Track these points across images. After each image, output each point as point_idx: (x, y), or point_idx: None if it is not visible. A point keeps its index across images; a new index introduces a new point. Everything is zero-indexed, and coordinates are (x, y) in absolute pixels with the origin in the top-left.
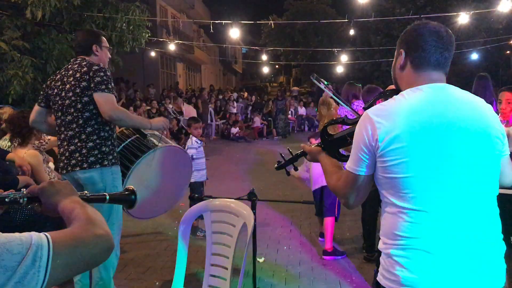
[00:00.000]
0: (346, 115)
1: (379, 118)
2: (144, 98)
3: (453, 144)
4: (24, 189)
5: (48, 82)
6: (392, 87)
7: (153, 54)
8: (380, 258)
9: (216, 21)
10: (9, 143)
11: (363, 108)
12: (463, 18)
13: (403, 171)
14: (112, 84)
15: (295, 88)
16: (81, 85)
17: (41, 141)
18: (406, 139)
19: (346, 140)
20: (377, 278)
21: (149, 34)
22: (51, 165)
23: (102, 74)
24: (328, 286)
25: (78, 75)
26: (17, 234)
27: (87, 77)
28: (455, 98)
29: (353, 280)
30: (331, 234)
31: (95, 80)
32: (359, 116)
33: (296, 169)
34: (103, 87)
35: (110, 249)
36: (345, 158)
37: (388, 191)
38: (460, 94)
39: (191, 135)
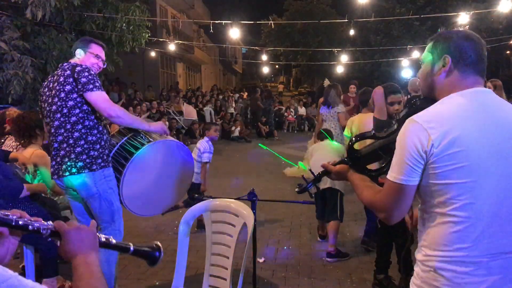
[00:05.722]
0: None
1: (430, 123)
2: (144, 98)
3: (508, 147)
4: (51, 222)
5: (40, 90)
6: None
7: (153, 54)
8: (416, 268)
9: (216, 21)
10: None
11: (396, 120)
12: (463, 18)
13: (460, 176)
14: (99, 82)
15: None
16: (65, 89)
17: None
18: (465, 143)
19: (378, 154)
20: None
21: (149, 34)
22: None
23: (86, 73)
24: (328, 286)
25: (61, 79)
26: (30, 283)
27: (71, 79)
28: (498, 101)
29: (353, 280)
30: (335, 237)
31: (82, 81)
32: (393, 128)
33: (318, 189)
34: (91, 86)
35: None
36: (374, 173)
37: (437, 199)
38: (499, 98)
39: (204, 138)
